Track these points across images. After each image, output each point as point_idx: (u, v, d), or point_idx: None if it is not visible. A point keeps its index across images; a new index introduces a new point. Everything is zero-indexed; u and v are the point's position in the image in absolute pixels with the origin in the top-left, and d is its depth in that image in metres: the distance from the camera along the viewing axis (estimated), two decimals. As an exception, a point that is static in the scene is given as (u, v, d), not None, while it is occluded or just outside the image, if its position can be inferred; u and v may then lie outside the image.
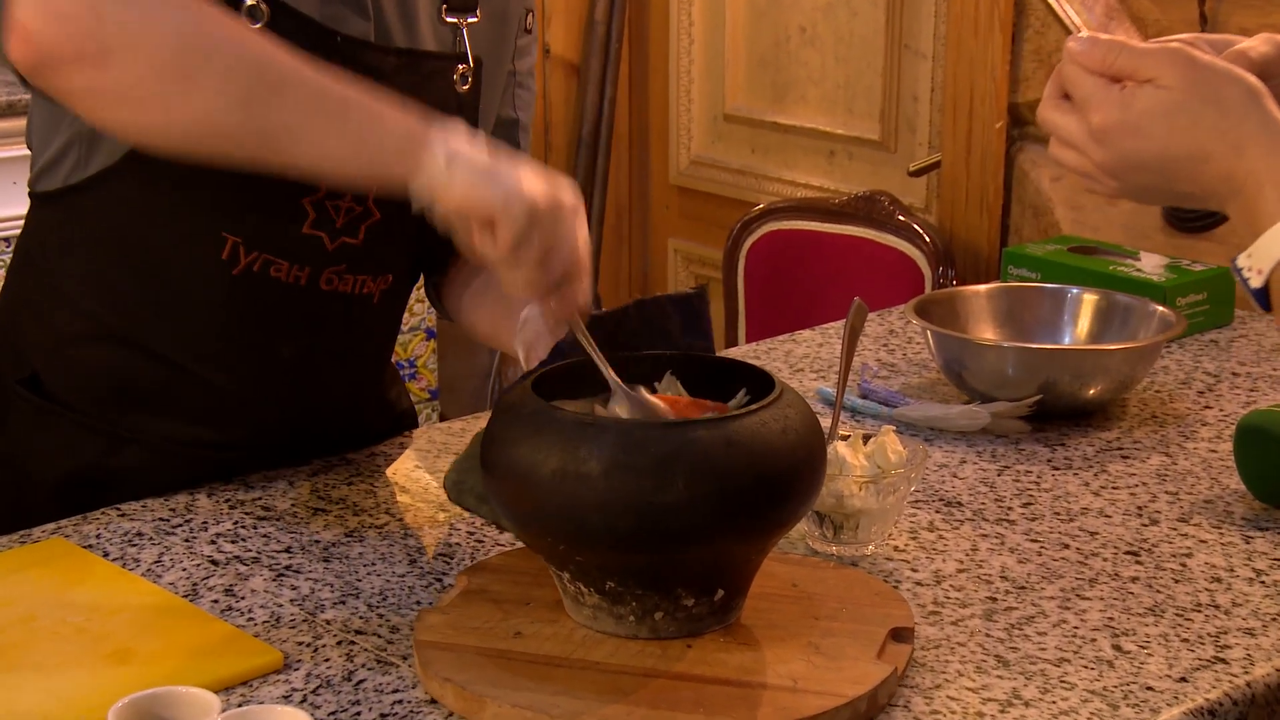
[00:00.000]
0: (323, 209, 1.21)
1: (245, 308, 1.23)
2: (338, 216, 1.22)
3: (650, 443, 0.93)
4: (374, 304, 1.30)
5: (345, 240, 1.24)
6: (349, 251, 1.24)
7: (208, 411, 1.27)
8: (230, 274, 1.21)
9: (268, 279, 1.22)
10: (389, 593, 1.12)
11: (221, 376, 1.26)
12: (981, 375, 1.49)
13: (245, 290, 1.22)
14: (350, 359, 1.33)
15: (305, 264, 1.23)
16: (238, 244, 1.20)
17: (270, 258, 1.22)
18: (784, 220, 2.57)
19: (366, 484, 1.32)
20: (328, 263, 1.24)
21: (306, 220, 1.21)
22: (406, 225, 1.29)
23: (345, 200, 1.22)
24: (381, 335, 1.38)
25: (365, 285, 1.27)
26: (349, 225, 1.23)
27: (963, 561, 1.18)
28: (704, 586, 0.99)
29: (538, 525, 0.97)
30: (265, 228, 1.21)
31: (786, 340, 1.76)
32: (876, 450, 1.19)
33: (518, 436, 0.97)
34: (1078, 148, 0.97)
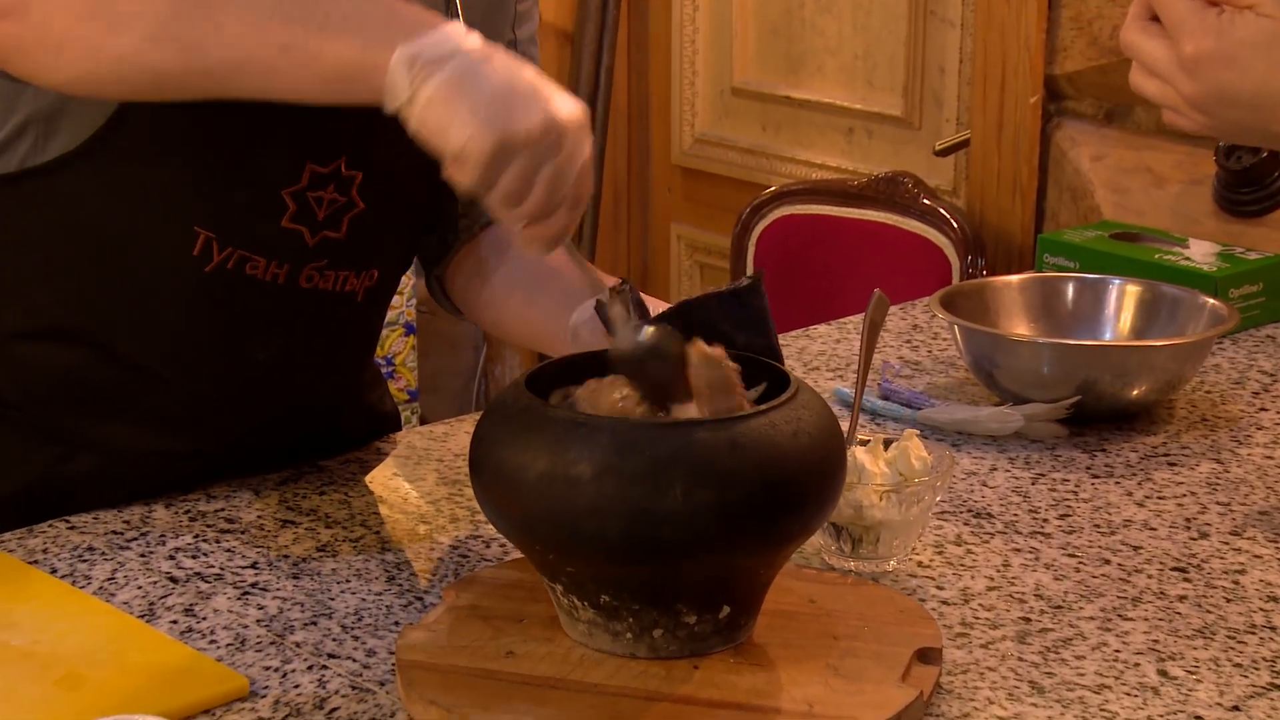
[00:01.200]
0: (303, 201, 1.22)
1: (217, 307, 1.24)
2: (320, 208, 1.22)
3: (646, 444, 0.94)
4: (357, 302, 1.31)
5: (327, 234, 1.24)
6: (331, 246, 1.25)
7: (172, 418, 1.28)
8: (202, 271, 1.22)
9: (242, 277, 1.23)
10: (365, 613, 1.12)
11: (189, 381, 1.26)
12: (1014, 374, 1.50)
13: (218, 289, 1.23)
14: (330, 362, 1.34)
15: (284, 260, 1.23)
16: (210, 239, 1.21)
17: (246, 254, 1.22)
18: (797, 204, 2.57)
19: (340, 493, 1.32)
20: (308, 259, 1.24)
21: (285, 213, 1.22)
22: (395, 216, 1.30)
23: (328, 191, 1.23)
24: (364, 335, 1.39)
25: (348, 282, 1.28)
26: (331, 218, 1.24)
27: (993, 578, 1.19)
28: (707, 602, 0.99)
29: (526, 532, 0.98)
30: (240, 221, 1.21)
31: (800, 336, 1.76)
32: (899, 456, 1.20)
33: (504, 436, 0.98)
34: (1164, 77, 0.96)
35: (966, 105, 2.58)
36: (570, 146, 1.02)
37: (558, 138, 1.02)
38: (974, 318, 1.57)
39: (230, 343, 1.26)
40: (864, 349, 1.29)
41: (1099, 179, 2.37)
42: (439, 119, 1.00)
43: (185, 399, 1.27)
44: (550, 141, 1.01)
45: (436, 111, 1.00)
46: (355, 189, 1.25)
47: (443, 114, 0.99)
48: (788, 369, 1.05)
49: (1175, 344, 1.49)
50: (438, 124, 1.00)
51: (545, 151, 1.01)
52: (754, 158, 2.95)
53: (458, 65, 1.00)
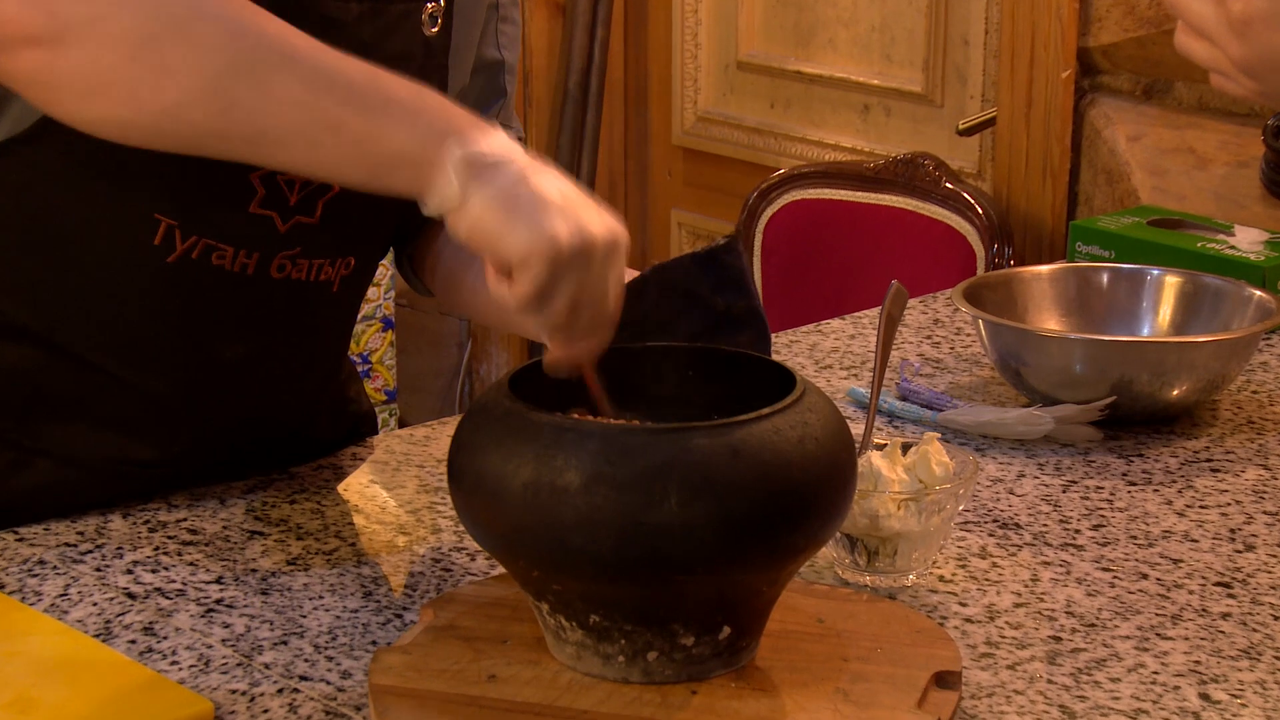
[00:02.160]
0: (273, 185, 1.22)
1: (181, 301, 1.24)
2: (291, 192, 1.22)
3: (639, 451, 0.94)
4: (332, 293, 1.31)
5: (300, 220, 1.24)
6: (304, 233, 1.25)
7: (131, 423, 1.28)
8: (164, 262, 1.22)
9: (208, 267, 1.23)
10: (339, 631, 1.12)
11: (151, 382, 1.27)
12: (1044, 373, 1.50)
13: (181, 281, 1.23)
14: (303, 359, 1.34)
15: (253, 249, 1.23)
16: (173, 227, 1.21)
17: (212, 243, 1.22)
18: (809, 188, 2.57)
19: (313, 502, 1.33)
20: (280, 247, 1.25)
21: (254, 198, 1.22)
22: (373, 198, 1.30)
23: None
24: (340, 329, 1.39)
25: (323, 271, 1.28)
26: (304, 202, 1.24)
27: (1021, 594, 1.19)
28: (706, 623, 0.99)
29: (510, 546, 0.98)
30: (206, 208, 1.21)
31: (812, 331, 1.76)
32: (918, 462, 1.20)
33: (486, 442, 0.98)
34: (1211, 39, 0.96)
35: (993, 80, 2.58)
36: (618, 264, 1.04)
37: (610, 253, 1.03)
38: (1000, 311, 1.57)
39: (195, 340, 1.26)
40: (881, 346, 1.29)
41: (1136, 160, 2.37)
42: (497, 227, 1.01)
43: (145, 402, 1.27)
44: (604, 256, 1.02)
45: (494, 218, 1.01)
46: None
47: (501, 221, 1.00)
48: (793, 368, 1.05)
49: (1219, 340, 1.49)
50: (495, 231, 1.00)
51: (600, 267, 1.02)
52: (761, 138, 2.95)
53: (513, 173, 1.02)
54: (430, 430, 1.48)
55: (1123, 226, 1.87)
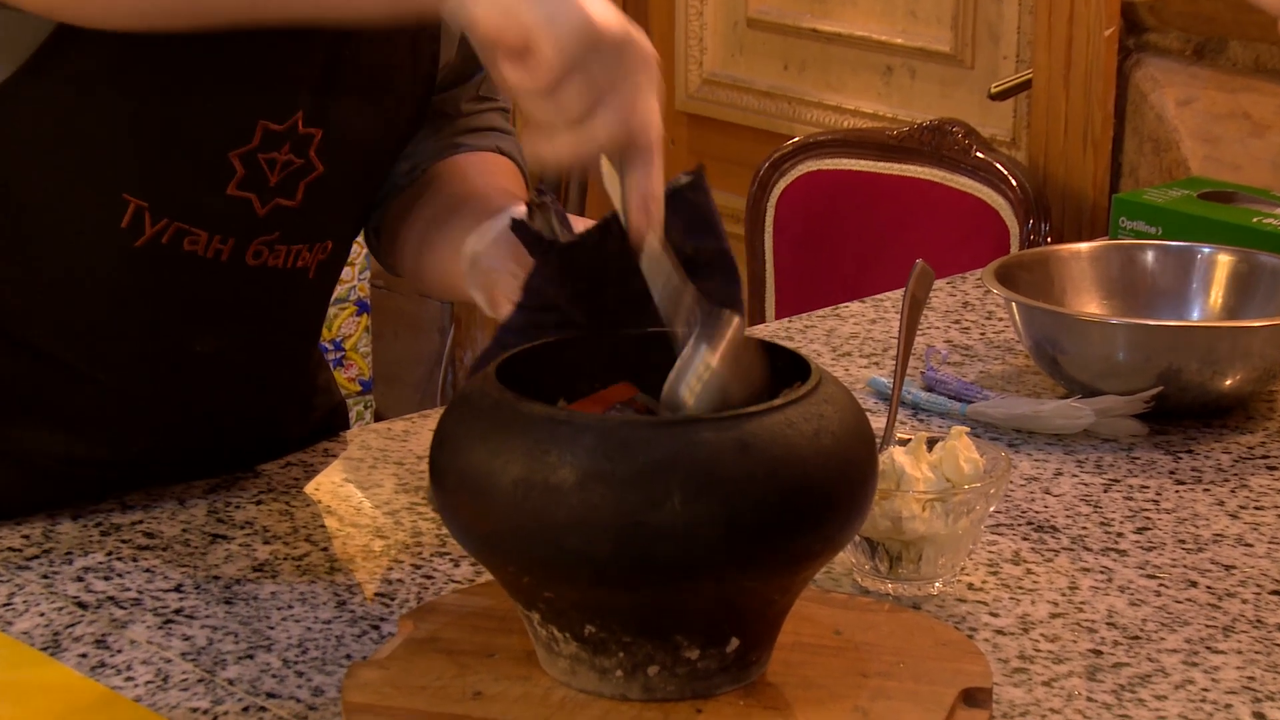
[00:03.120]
0: (254, 164, 1.23)
1: (149, 290, 1.25)
2: (272, 173, 1.23)
3: (639, 445, 0.94)
4: (308, 280, 1.31)
5: (280, 202, 1.25)
6: (284, 216, 1.26)
7: (88, 419, 1.28)
8: (131, 247, 1.22)
9: (179, 254, 1.23)
10: (310, 644, 1.13)
11: (111, 376, 1.27)
12: (1083, 361, 1.50)
13: (150, 268, 1.23)
14: (277, 351, 1.35)
15: (229, 234, 1.24)
16: (142, 208, 1.21)
17: (184, 226, 1.23)
18: (826, 158, 2.57)
19: (281, 503, 1.33)
20: (257, 232, 1.25)
21: (233, 178, 1.22)
22: (354, 179, 1.31)
23: (283, 152, 1.23)
24: (314, 318, 1.39)
25: (300, 257, 1.29)
26: (285, 183, 1.25)
27: (1058, 603, 1.19)
28: (712, 634, 1.00)
29: (497, 550, 0.98)
30: (179, 188, 1.22)
31: (828, 315, 1.77)
32: (945, 458, 1.20)
33: (471, 436, 0.98)
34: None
35: (1028, 39, 2.58)
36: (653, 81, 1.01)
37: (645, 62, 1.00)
38: (1036, 293, 1.57)
39: (161, 332, 1.27)
40: (904, 331, 1.29)
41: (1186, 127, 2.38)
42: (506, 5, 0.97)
43: (104, 398, 1.28)
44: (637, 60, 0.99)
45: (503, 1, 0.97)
46: (313, 149, 1.25)
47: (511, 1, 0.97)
48: (808, 356, 1.05)
49: (1276, 325, 1.49)
50: (504, 10, 0.97)
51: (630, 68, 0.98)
52: (773, 102, 2.95)
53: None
54: (409, 424, 1.48)
55: (1170, 200, 1.87)
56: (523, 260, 1.15)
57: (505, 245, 1.20)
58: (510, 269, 1.19)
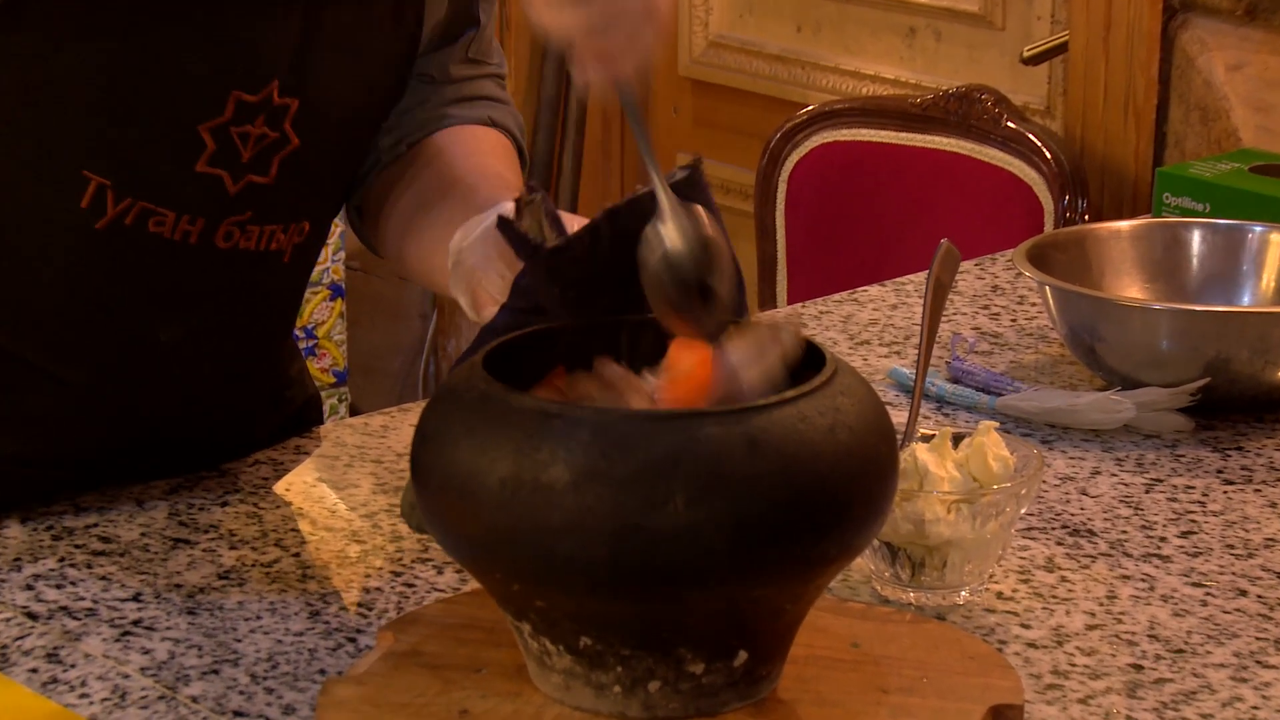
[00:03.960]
0: (225, 138, 1.23)
1: (110, 275, 1.25)
2: (245, 147, 1.23)
3: (639, 441, 0.95)
4: (283, 264, 1.32)
5: (253, 179, 1.25)
6: (257, 194, 1.26)
7: (41, 415, 1.29)
8: (92, 228, 1.23)
9: (144, 236, 1.24)
10: (281, 658, 1.13)
11: (68, 368, 1.27)
12: (1124, 349, 1.51)
13: (112, 251, 1.24)
14: (247, 339, 1.35)
15: (197, 214, 1.24)
16: (104, 187, 1.22)
17: (150, 206, 1.23)
18: (843, 128, 2.57)
19: (249, 505, 1.33)
20: (228, 211, 1.26)
21: (203, 154, 1.23)
22: (332, 155, 1.31)
23: (256, 125, 1.24)
24: (288, 305, 1.40)
25: (274, 239, 1.29)
26: (259, 159, 1.25)
27: (1095, 614, 1.20)
28: (718, 647, 1.00)
29: (485, 555, 0.99)
30: (145, 164, 1.22)
31: (845, 300, 1.77)
32: (973, 456, 1.21)
33: (456, 432, 0.98)
34: None
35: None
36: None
37: None
38: (1072, 276, 1.57)
39: (124, 321, 1.27)
40: (928, 317, 1.29)
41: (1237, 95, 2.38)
42: None
43: (60, 391, 1.28)
44: None
45: None
46: (289, 121, 1.26)
47: None
48: (822, 344, 1.05)
49: (1333, 310, 1.50)
50: None
51: None
52: (786, 67, 2.95)
53: None
54: (388, 418, 1.48)
55: (1219, 174, 1.87)
56: (511, 260, 1.15)
57: (493, 243, 1.20)
58: (498, 269, 1.19)
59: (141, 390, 1.30)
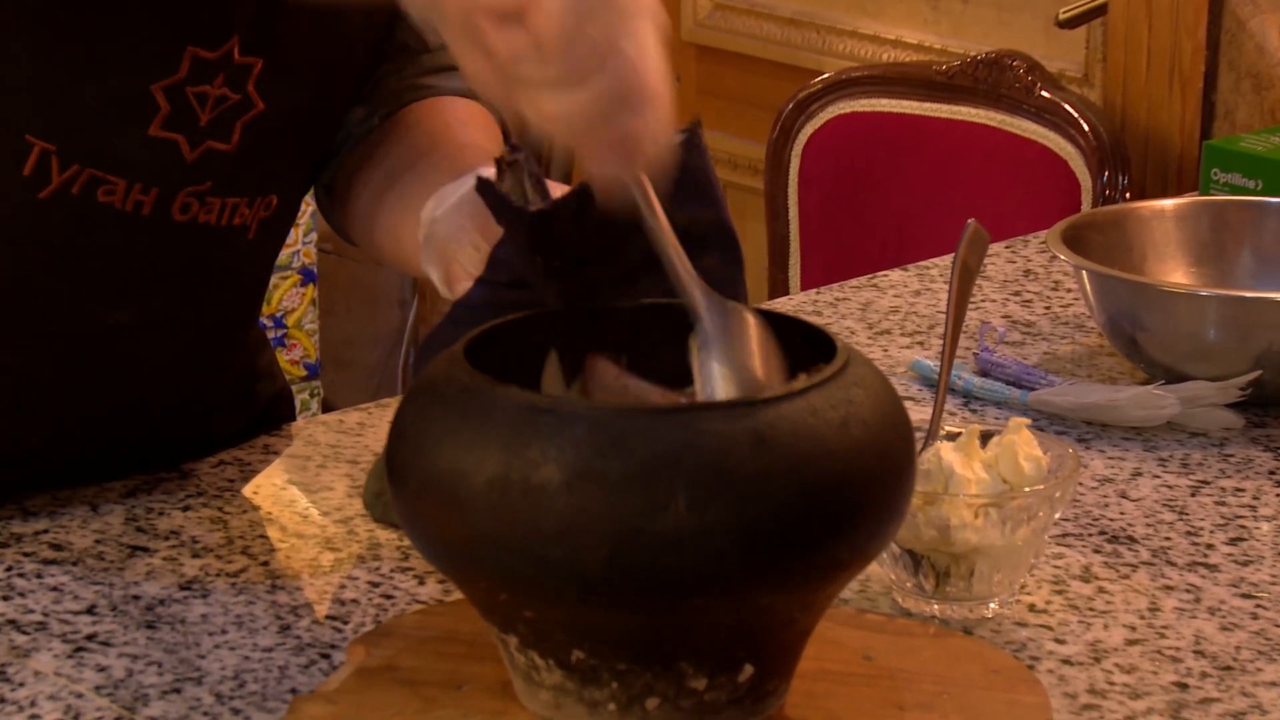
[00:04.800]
0: (181, 99, 1.23)
1: (56, 250, 1.25)
2: (203, 109, 1.24)
3: (637, 438, 0.95)
4: (248, 240, 1.32)
5: (213, 145, 1.26)
6: (217, 163, 1.26)
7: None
8: (35, 198, 1.23)
9: (93, 206, 1.24)
10: (248, 676, 1.14)
11: (11, 355, 1.28)
12: (1168, 340, 1.51)
13: (58, 223, 1.24)
14: (209, 326, 1.35)
15: (151, 183, 1.25)
16: (49, 152, 1.22)
17: (99, 174, 1.23)
18: (861, 98, 2.58)
19: (213, 509, 1.34)
20: (185, 180, 1.26)
21: (156, 116, 1.23)
22: (302, 120, 1.31)
23: (215, 85, 1.24)
24: (254, 287, 1.40)
25: (238, 213, 1.29)
26: (219, 122, 1.25)
27: (1136, 628, 1.20)
28: (723, 660, 1.00)
29: (468, 563, 0.99)
30: (93, 128, 1.22)
31: (864, 285, 1.77)
32: (1002, 456, 1.21)
33: (438, 429, 0.99)
34: None
35: (1104, -44, 2.58)
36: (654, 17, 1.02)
37: None
38: (1111, 260, 1.57)
39: (72, 301, 1.27)
40: (953, 305, 1.30)
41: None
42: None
43: (9, 384, 1.28)
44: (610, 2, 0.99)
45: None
46: (252, 82, 1.26)
47: None
48: (834, 333, 1.05)
49: (1395, 297, 1.50)
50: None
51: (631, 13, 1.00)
52: (799, 32, 2.95)
53: None
54: (365, 415, 1.49)
55: (1272, 148, 1.87)
56: (487, 230, 1.15)
57: (468, 211, 1.20)
58: (473, 240, 1.19)
59: (91, 381, 1.30)
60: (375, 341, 3.42)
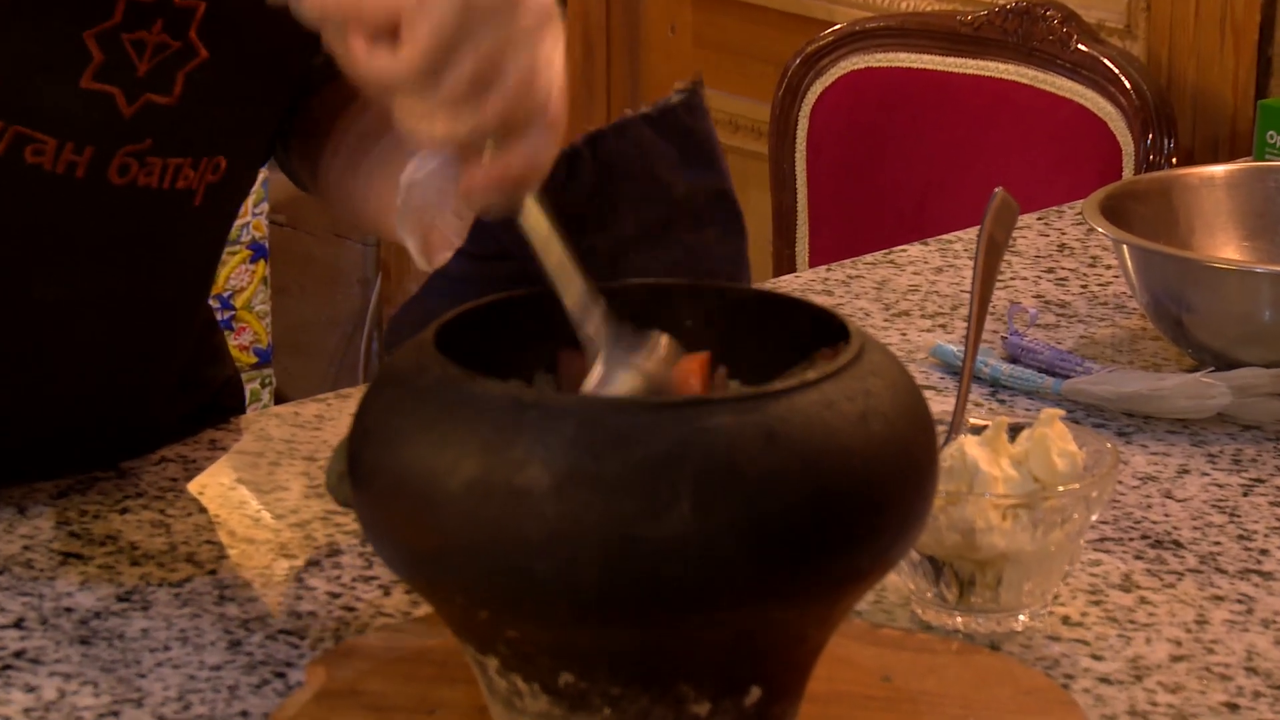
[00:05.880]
0: (116, 46, 1.23)
1: None
2: (141, 58, 1.24)
3: (635, 436, 0.94)
4: (194, 208, 1.32)
5: (152, 98, 1.26)
6: (158, 118, 1.26)
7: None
8: None
9: (21, 168, 1.24)
10: (194, 697, 1.14)
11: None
12: (1218, 322, 1.51)
13: None
14: (150, 304, 1.35)
15: (85, 141, 1.25)
16: None
17: (25, 131, 1.23)
18: (877, 51, 2.58)
19: (154, 511, 1.34)
20: (123, 138, 1.26)
21: (89, 66, 1.23)
22: (252, 71, 1.31)
23: (154, 32, 1.24)
24: (203, 259, 1.40)
25: (182, 175, 1.29)
26: (158, 73, 1.25)
27: (1182, 642, 1.20)
28: (728, 682, 1.00)
29: (443, 576, 0.98)
30: (18, 80, 1.23)
31: (881, 261, 1.77)
32: (1033, 451, 1.21)
33: (408, 424, 0.98)
34: None
35: (1147, -107, 2.59)
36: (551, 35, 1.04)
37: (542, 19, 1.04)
38: (1155, 233, 1.58)
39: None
40: (979, 283, 1.30)
41: (1357, 11, 2.38)
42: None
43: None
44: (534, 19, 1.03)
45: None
46: (194, 28, 1.26)
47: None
48: (847, 317, 1.06)
49: None
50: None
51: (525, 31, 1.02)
52: (808, -23, 2.95)
53: None
54: (323, 407, 1.49)
55: (1335, 108, 1.88)
56: None
57: (452, 175, 1.21)
58: (455, 206, 1.20)
59: (16, 366, 1.30)
60: (334, 324, 3.42)
